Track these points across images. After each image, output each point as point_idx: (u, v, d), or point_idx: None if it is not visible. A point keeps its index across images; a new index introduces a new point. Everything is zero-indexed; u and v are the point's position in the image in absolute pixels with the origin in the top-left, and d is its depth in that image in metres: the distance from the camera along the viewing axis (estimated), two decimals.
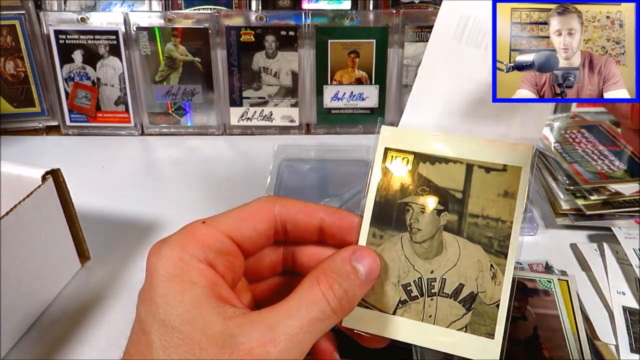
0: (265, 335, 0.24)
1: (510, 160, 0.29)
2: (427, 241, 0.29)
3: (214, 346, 0.24)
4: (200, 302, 0.25)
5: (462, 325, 0.28)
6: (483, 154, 0.30)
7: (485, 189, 0.29)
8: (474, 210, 0.29)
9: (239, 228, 0.29)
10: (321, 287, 0.26)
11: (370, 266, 0.28)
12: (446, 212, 0.29)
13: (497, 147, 0.30)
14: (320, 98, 0.71)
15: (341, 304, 0.26)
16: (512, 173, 0.29)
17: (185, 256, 0.26)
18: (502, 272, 0.28)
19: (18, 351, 0.41)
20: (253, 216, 0.29)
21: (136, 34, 0.68)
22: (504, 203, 0.29)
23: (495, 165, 0.29)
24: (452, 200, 0.29)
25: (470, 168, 0.30)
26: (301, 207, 0.30)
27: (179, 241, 0.27)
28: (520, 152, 0.29)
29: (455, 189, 0.30)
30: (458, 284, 0.28)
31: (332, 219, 0.30)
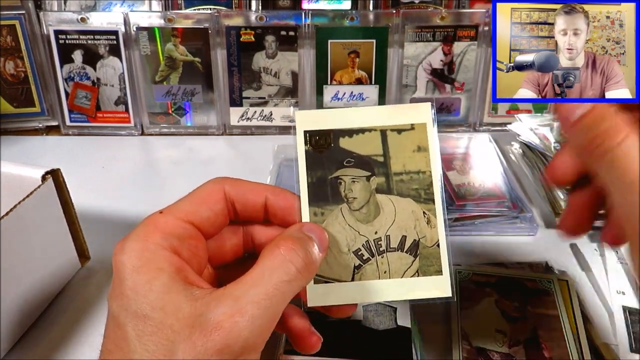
0: (232, 307, 0.25)
1: (415, 119, 0.33)
2: (364, 207, 0.32)
3: (185, 327, 0.24)
4: (169, 287, 0.26)
5: (414, 271, 0.31)
6: (392, 118, 0.33)
7: (401, 149, 0.33)
8: (396, 169, 0.32)
9: (196, 212, 0.30)
10: (282, 251, 0.27)
11: (320, 236, 0.30)
12: (374, 176, 0.32)
13: (401, 111, 0.33)
14: (320, 98, 0.71)
15: (305, 263, 0.27)
16: (419, 130, 0.33)
17: (150, 246, 0.27)
18: (434, 216, 0.32)
19: (18, 351, 0.41)
20: (207, 198, 0.31)
21: (136, 34, 0.68)
22: (420, 157, 0.33)
23: (404, 127, 0.33)
24: (376, 165, 0.32)
25: (384, 133, 0.33)
26: (248, 186, 0.32)
27: (141, 234, 0.28)
28: (421, 111, 0.33)
29: (376, 154, 0.33)
30: (401, 236, 0.32)
31: (276, 198, 0.32)
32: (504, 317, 0.40)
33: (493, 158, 0.63)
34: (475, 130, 0.73)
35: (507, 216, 0.53)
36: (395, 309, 0.39)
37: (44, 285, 0.44)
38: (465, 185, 0.57)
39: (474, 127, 0.73)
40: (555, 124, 0.64)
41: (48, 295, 0.45)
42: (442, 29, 0.67)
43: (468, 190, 0.56)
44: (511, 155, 0.66)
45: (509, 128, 0.65)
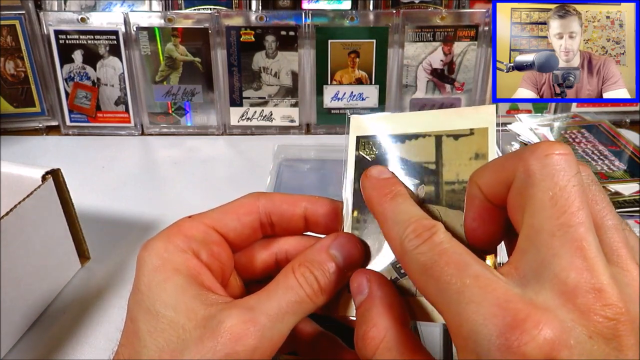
0: (245, 315, 0.25)
1: (476, 123, 0.30)
2: None
3: (196, 328, 0.25)
4: (183, 288, 0.26)
5: None
6: (449, 123, 0.30)
7: (456, 156, 0.30)
8: (449, 178, 0.29)
9: (223, 220, 0.30)
10: (295, 275, 0.27)
11: (349, 252, 0.28)
12: (423, 185, 0.30)
13: (461, 114, 0.30)
14: (320, 98, 0.71)
15: (314, 290, 0.27)
16: (479, 135, 0.30)
17: (170, 247, 0.28)
18: None
19: (18, 351, 0.41)
20: (236, 209, 0.30)
21: (136, 34, 0.68)
22: (477, 165, 0.29)
23: (462, 132, 0.30)
24: (427, 173, 0.30)
25: (439, 139, 0.30)
26: (284, 198, 0.31)
27: (165, 235, 0.28)
28: (484, 114, 0.30)
29: (428, 161, 0.30)
30: None
31: (314, 206, 0.31)
32: None
33: (493, 158, 0.62)
34: None
35: None
36: None
37: (44, 285, 0.44)
38: None
39: None
40: (556, 124, 0.64)
41: (48, 295, 0.45)
42: (442, 29, 0.67)
43: None
44: None
45: (509, 128, 0.65)
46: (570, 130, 0.62)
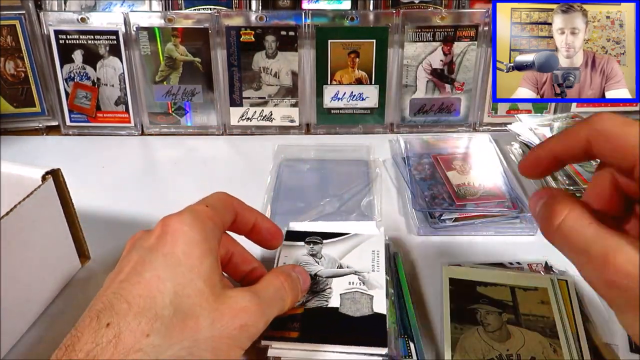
0: (254, 297, 0.32)
1: (537, 284, 0.44)
2: (497, 331, 0.40)
3: (218, 301, 0.31)
4: (213, 268, 0.32)
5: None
6: (519, 280, 0.44)
7: (528, 300, 0.43)
8: (524, 311, 0.42)
9: (224, 214, 0.37)
10: (281, 279, 0.36)
11: (306, 280, 0.40)
12: (505, 313, 0.42)
13: (526, 276, 0.45)
14: (320, 98, 0.71)
15: (291, 292, 0.37)
16: (541, 291, 0.43)
17: (207, 232, 0.33)
18: (560, 347, 0.39)
19: (18, 351, 0.41)
20: (229, 206, 0.38)
21: (136, 34, 0.68)
22: (544, 307, 0.42)
23: (529, 287, 0.44)
24: (507, 306, 0.42)
25: (513, 289, 0.44)
26: (245, 205, 0.40)
27: (199, 218, 0.34)
28: (542, 279, 0.44)
29: (507, 300, 0.43)
30: (530, 356, 0.38)
31: (263, 221, 0.40)
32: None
33: (493, 158, 0.63)
34: (475, 130, 0.73)
35: (507, 216, 0.53)
36: (372, 297, 0.41)
37: (44, 285, 0.44)
38: (465, 185, 0.57)
39: (474, 127, 0.73)
40: (556, 124, 0.64)
41: (48, 295, 0.45)
42: (442, 29, 0.67)
43: (468, 190, 0.56)
44: (511, 155, 0.66)
45: (509, 128, 0.65)
46: None
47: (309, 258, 0.45)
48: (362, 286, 0.42)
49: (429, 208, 0.54)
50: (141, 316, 0.29)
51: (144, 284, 0.30)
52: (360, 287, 0.42)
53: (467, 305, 0.42)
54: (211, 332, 0.30)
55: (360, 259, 0.45)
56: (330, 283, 0.42)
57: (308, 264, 0.44)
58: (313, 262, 0.45)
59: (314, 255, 0.46)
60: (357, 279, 0.43)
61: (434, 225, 0.53)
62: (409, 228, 0.54)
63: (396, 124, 0.72)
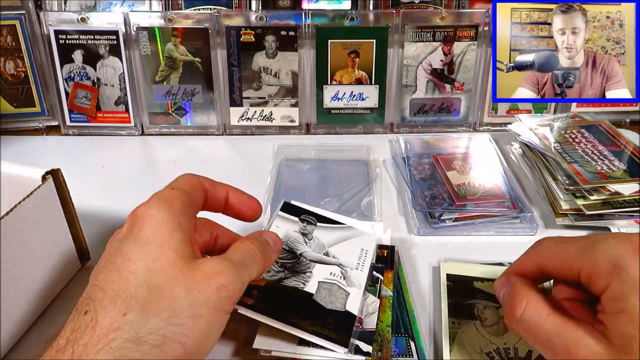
0: (225, 261, 0.33)
1: None
2: (494, 325, 0.40)
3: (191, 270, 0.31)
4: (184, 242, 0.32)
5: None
6: None
7: None
8: None
9: (193, 194, 0.37)
10: (247, 242, 0.36)
11: (276, 240, 0.39)
12: (501, 307, 0.40)
13: None
14: (320, 98, 0.71)
15: (262, 254, 0.36)
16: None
17: (173, 210, 0.34)
18: None
19: (18, 351, 0.41)
20: (196, 185, 0.38)
21: (136, 34, 0.68)
22: None
23: None
24: None
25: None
26: (214, 181, 0.40)
27: (164, 200, 0.34)
28: None
29: None
30: (527, 350, 0.38)
31: (234, 194, 0.40)
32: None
33: (493, 158, 0.63)
34: (475, 130, 0.73)
35: (507, 216, 0.53)
36: (348, 294, 0.41)
37: (44, 285, 0.44)
38: (465, 185, 0.57)
39: (474, 127, 0.73)
40: (556, 124, 0.64)
41: (48, 295, 0.45)
42: (442, 29, 0.67)
43: (468, 190, 0.56)
44: (511, 155, 0.66)
45: (509, 128, 0.65)
46: (570, 130, 0.62)
47: (299, 236, 0.45)
48: (342, 280, 0.42)
49: (429, 208, 0.54)
50: (116, 298, 0.29)
51: (116, 270, 0.31)
52: (340, 280, 0.42)
53: (464, 301, 0.43)
54: (188, 300, 0.30)
55: (347, 253, 0.45)
56: (312, 267, 0.43)
57: (296, 241, 0.45)
58: (302, 241, 0.45)
59: (304, 234, 0.46)
60: (339, 271, 0.43)
61: (434, 225, 0.53)
62: (409, 228, 0.54)
63: (396, 124, 0.72)
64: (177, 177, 0.38)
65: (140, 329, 0.28)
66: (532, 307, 0.31)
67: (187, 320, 0.30)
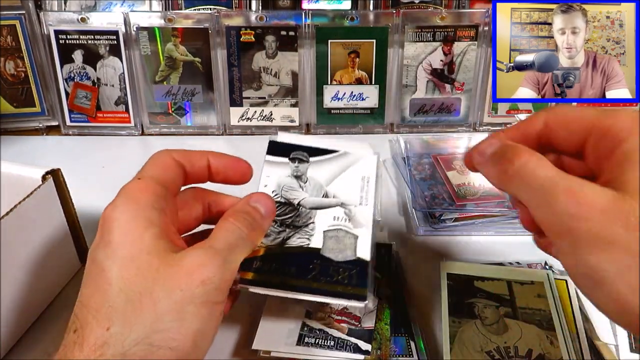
0: (208, 251, 0.30)
1: (534, 278, 0.44)
2: (494, 324, 0.41)
3: (171, 269, 0.29)
4: (158, 237, 0.30)
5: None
6: (515, 275, 0.45)
7: (524, 293, 0.43)
8: (521, 304, 0.42)
9: (165, 176, 0.34)
10: (231, 220, 0.33)
11: (267, 203, 0.35)
12: (502, 306, 0.42)
13: (522, 271, 0.45)
14: (320, 98, 0.71)
15: (249, 229, 0.33)
16: (538, 285, 0.44)
17: (141, 205, 0.31)
18: (556, 339, 0.39)
19: (18, 351, 0.41)
20: (167, 164, 0.35)
21: (136, 34, 0.68)
22: (540, 300, 0.42)
23: (525, 281, 0.44)
24: (504, 300, 0.43)
25: (509, 283, 0.44)
26: (191, 152, 0.37)
27: (130, 197, 0.32)
28: (539, 273, 0.45)
29: (504, 294, 0.43)
30: (527, 349, 0.38)
31: (216, 159, 0.37)
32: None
33: None
34: (475, 130, 0.73)
35: (507, 216, 0.53)
36: (356, 237, 0.38)
37: (44, 285, 0.44)
38: (465, 185, 0.57)
39: (474, 127, 0.73)
40: None
41: (48, 295, 0.45)
42: (442, 29, 0.67)
43: (468, 190, 0.56)
44: None
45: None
46: None
47: (292, 181, 0.41)
48: (348, 223, 0.38)
49: (429, 208, 0.54)
50: (97, 312, 0.28)
51: (93, 283, 0.30)
52: (345, 224, 0.38)
53: (464, 300, 0.43)
54: (171, 301, 0.28)
55: (348, 187, 0.41)
56: (313, 216, 0.39)
57: (291, 189, 0.41)
58: (297, 186, 0.41)
59: (298, 177, 0.41)
60: (343, 212, 0.39)
61: (434, 225, 0.53)
62: (409, 228, 0.54)
63: (396, 124, 0.72)
64: (149, 158, 0.36)
65: (124, 341, 0.27)
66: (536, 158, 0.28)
67: (173, 323, 0.28)
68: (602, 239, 0.25)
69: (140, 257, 0.29)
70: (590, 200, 0.25)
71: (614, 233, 0.24)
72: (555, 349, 0.39)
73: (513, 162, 0.28)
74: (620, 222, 0.24)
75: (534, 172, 0.28)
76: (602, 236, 0.25)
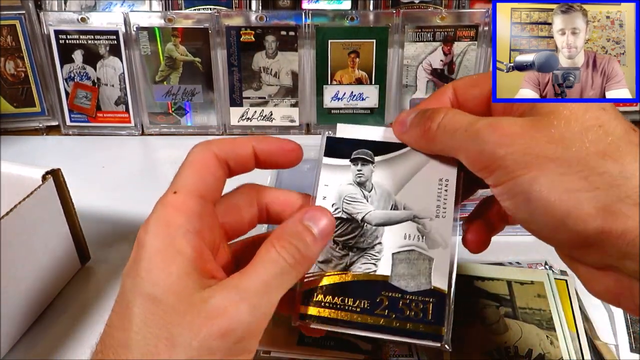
0: (236, 295, 0.26)
1: (534, 278, 0.45)
2: (494, 324, 0.41)
3: (192, 313, 0.26)
4: (187, 273, 0.27)
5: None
6: (515, 275, 0.45)
7: (524, 293, 0.43)
8: (521, 304, 0.42)
9: (203, 183, 0.30)
10: (277, 248, 0.28)
11: (324, 223, 0.29)
12: (502, 306, 0.42)
13: (523, 270, 0.46)
14: (320, 98, 0.71)
15: (296, 259, 0.28)
16: (538, 284, 0.44)
17: (172, 230, 0.28)
18: (556, 339, 0.40)
19: (18, 351, 0.41)
20: (206, 166, 0.31)
21: (136, 34, 0.68)
22: (540, 300, 0.42)
23: (525, 281, 0.44)
24: (504, 300, 0.43)
25: (509, 283, 0.44)
26: (234, 141, 0.33)
27: (161, 219, 0.28)
28: (538, 274, 0.45)
29: (504, 294, 0.43)
30: (527, 349, 0.39)
31: (260, 144, 0.33)
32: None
33: None
34: None
35: None
36: (431, 260, 0.31)
37: (44, 285, 0.44)
38: None
39: None
40: None
41: (48, 295, 0.45)
42: (442, 29, 0.67)
43: None
44: None
45: None
46: None
47: (355, 190, 0.33)
48: (421, 242, 0.32)
49: None
50: (118, 346, 0.26)
51: (120, 312, 0.27)
52: (418, 242, 0.32)
53: (464, 300, 0.42)
54: (188, 351, 0.25)
55: (421, 195, 0.33)
56: (380, 235, 0.32)
57: (354, 200, 0.33)
58: (361, 196, 0.33)
59: (361, 184, 0.34)
60: (415, 229, 0.32)
61: None
62: None
63: None
64: (187, 155, 0.32)
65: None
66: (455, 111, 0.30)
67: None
68: (530, 156, 0.26)
69: (164, 299, 0.26)
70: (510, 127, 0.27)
71: (541, 148, 0.26)
72: (555, 349, 0.39)
73: (434, 119, 0.30)
74: (545, 137, 0.26)
75: (455, 120, 0.29)
76: (531, 154, 0.26)
